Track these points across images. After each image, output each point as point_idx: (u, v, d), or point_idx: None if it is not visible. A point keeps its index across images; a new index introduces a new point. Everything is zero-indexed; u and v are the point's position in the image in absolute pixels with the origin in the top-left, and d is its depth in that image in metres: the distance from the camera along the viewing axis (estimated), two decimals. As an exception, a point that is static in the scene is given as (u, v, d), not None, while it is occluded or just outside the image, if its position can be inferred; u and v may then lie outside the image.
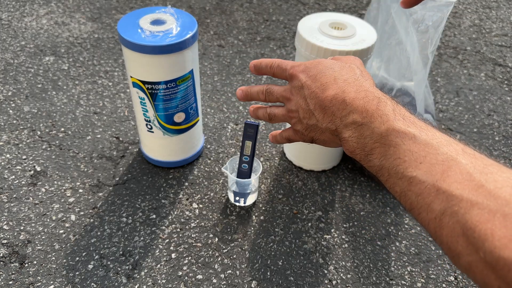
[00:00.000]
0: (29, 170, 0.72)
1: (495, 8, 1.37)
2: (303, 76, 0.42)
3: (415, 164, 0.31)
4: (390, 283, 0.60)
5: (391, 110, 0.35)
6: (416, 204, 0.30)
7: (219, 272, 0.59)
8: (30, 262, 0.59)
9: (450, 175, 0.29)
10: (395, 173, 0.32)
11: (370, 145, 0.35)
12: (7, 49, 1.01)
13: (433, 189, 0.29)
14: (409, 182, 0.31)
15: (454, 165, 0.29)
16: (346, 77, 0.39)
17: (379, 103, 0.36)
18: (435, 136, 0.32)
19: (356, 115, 0.36)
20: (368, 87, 0.38)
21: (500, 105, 0.96)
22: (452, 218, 0.27)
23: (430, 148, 0.31)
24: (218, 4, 1.27)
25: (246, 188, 0.67)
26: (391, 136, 0.33)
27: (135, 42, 0.57)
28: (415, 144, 0.32)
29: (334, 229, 0.67)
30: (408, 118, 0.34)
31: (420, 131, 0.33)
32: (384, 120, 0.35)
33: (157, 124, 0.67)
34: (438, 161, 0.30)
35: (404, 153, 0.32)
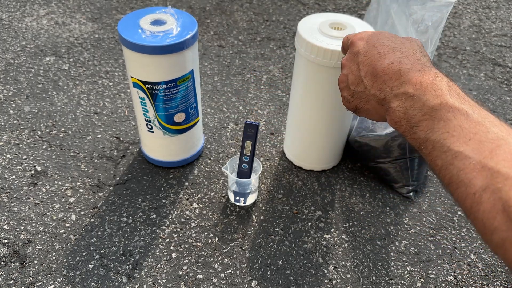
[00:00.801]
0: (29, 170, 0.72)
1: (494, 8, 1.37)
2: (361, 43, 0.42)
3: (464, 140, 0.31)
4: (390, 283, 0.60)
5: (446, 86, 0.35)
6: (456, 179, 0.30)
7: (219, 271, 0.60)
8: (31, 261, 0.59)
9: (499, 153, 0.29)
10: (440, 146, 0.32)
11: (419, 117, 0.35)
12: (8, 49, 1.02)
13: (478, 166, 0.29)
14: (454, 156, 0.31)
15: (503, 144, 0.29)
16: (405, 50, 0.39)
17: (435, 77, 0.36)
18: (488, 116, 0.33)
19: (409, 86, 0.36)
20: (426, 62, 0.38)
21: (499, 105, 0.96)
22: (494, 195, 0.27)
23: (481, 126, 0.31)
24: (218, 4, 1.27)
25: (246, 188, 0.67)
26: (443, 110, 0.33)
27: (136, 42, 0.57)
28: (467, 120, 0.32)
29: (334, 228, 0.67)
30: (463, 96, 0.35)
31: (473, 109, 0.33)
32: (438, 94, 0.35)
33: (158, 124, 0.67)
34: (487, 139, 0.30)
35: (454, 128, 0.32)
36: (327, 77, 0.62)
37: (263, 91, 0.95)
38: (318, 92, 0.65)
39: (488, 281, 0.61)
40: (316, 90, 0.65)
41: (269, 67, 1.02)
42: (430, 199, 0.73)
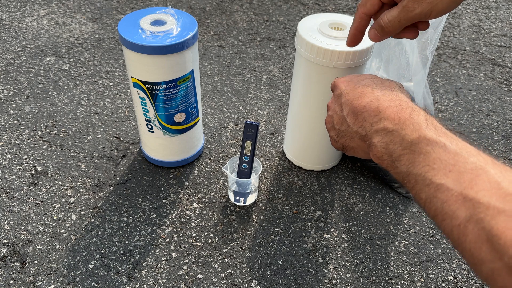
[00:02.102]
0: (30, 170, 0.72)
1: (494, 8, 1.37)
2: (343, 85, 0.44)
3: (444, 172, 0.32)
4: (390, 283, 0.60)
5: (424, 120, 0.36)
6: (441, 211, 0.31)
7: (219, 271, 0.60)
8: (31, 261, 0.59)
9: (478, 183, 0.29)
10: (422, 180, 0.33)
11: (399, 151, 0.36)
12: (8, 49, 1.02)
13: (460, 197, 0.29)
14: (437, 188, 0.31)
15: (482, 173, 0.30)
16: (384, 88, 0.41)
17: (412, 112, 0.37)
18: (465, 146, 0.33)
19: (387, 122, 0.38)
20: (403, 97, 0.40)
21: (499, 105, 0.96)
22: (478, 225, 0.28)
23: (460, 157, 0.32)
24: (218, 4, 1.27)
25: (246, 188, 0.67)
26: (422, 144, 0.34)
27: (136, 43, 0.57)
28: (445, 153, 0.33)
29: (333, 228, 0.67)
30: (440, 129, 0.36)
31: (451, 141, 0.34)
32: (416, 128, 0.36)
33: (158, 124, 0.67)
34: (466, 170, 0.31)
35: (433, 161, 0.33)
36: (327, 77, 0.62)
37: (263, 91, 0.95)
38: (318, 92, 0.65)
39: (487, 281, 0.61)
40: (316, 90, 0.65)
41: (269, 67, 1.03)
42: (430, 199, 0.73)
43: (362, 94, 0.41)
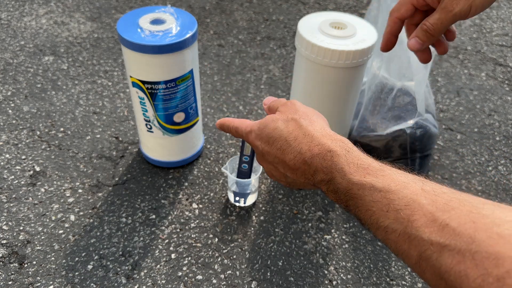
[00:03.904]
0: (28, 170, 0.72)
1: (495, 7, 1.37)
2: (258, 144, 0.43)
3: (383, 213, 0.31)
4: (391, 284, 0.60)
5: (345, 162, 0.35)
6: (398, 251, 0.31)
7: (219, 272, 0.59)
8: (30, 262, 0.59)
9: (416, 219, 0.29)
10: (371, 224, 0.33)
11: (343, 198, 0.35)
12: (7, 48, 1.01)
13: (406, 236, 0.29)
14: (385, 231, 0.31)
15: (417, 207, 0.29)
16: (295, 134, 0.39)
17: (332, 156, 0.36)
18: (392, 179, 0.32)
19: (320, 173, 0.37)
20: (318, 137, 0.38)
21: (500, 105, 0.96)
22: (428, 263, 0.27)
23: (391, 194, 0.31)
24: (218, 3, 1.27)
25: (246, 188, 0.66)
26: (354, 190, 0.34)
27: (135, 42, 0.56)
28: (376, 193, 0.32)
29: (334, 229, 0.66)
30: (362, 166, 0.35)
31: (376, 177, 0.33)
32: (341, 175, 0.35)
33: (157, 124, 0.66)
34: (401, 207, 0.30)
35: (370, 204, 0.32)
36: (328, 77, 0.62)
37: (263, 90, 0.94)
38: (319, 92, 0.64)
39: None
40: (316, 90, 0.64)
41: (269, 66, 1.02)
42: (431, 200, 0.72)
43: (283, 150, 0.40)
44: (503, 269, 0.23)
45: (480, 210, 0.27)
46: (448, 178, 0.77)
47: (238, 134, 0.47)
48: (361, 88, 0.73)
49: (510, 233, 0.24)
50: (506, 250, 0.23)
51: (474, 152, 0.83)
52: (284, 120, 0.41)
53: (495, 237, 0.24)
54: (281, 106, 0.44)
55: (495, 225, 0.25)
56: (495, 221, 0.25)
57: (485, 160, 0.81)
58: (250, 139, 0.45)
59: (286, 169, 0.41)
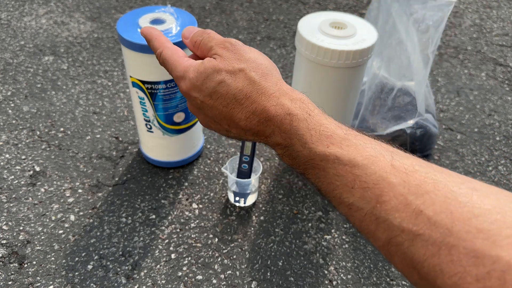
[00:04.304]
0: (28, 170, 0.72)
1: (496, 7, 1.37)
2: (196, 95, 0.36)
3: (348, 189, 0.28)
4: (391, 284, 0.60)
5: (306, 129, 0.31)
6: (362, 230, 0.28)
7: (219, 272, 0.59)
8: (30, 262, 0.59)
9: (386, 200, 0.26)
10: (333, 197, 0.30)
11: (302, 165, 0.32)
12: (6, 48, 1.01)
13: (373, 217, 0.27)
14: (349, 208, 0.28)
15: (386, 187, 0.26)
16: (246, 91, 0.33)
17: (291, 120, 0.32)
18: (359, 151, 0.29)
19: (277, 137, 0.33)
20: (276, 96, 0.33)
21: (501, 105, 0.96)
22: (399, 249, 0.25)
23: (357, 169, 0.28)
24: (218, 3, 1.27)
25: (246, 188, 0.66)
26: (315, 160, 0.30)
27: (135, 42, 0.56)
28: (340, 166, 0.29)
29: (334, 229, 0.66)
30: (325, 133, 0.30)
31: (341, 148, 0.29)
32: (302, 142, 0.31)
33: (157, 124, 0.66)
34: (369, 184, 0.27)
35: (333, 177, 0.29)
36: (328, 77, 0.62)
37: (263, 90, 0.94)
38: (319, 92, 0.64)
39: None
40: (316, 90, 0.64)
41: (269, 66, 1.02)
42: (431, 200, 0.72)
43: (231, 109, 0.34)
44: (483, 269, 0.21)
45: (457, 196, 0.24)
46: (448, 178, 0.77)
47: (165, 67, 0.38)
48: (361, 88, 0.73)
49: (489, 227, 0.22)
50: (485, 248, 0.22)
51: (474, 152, 0.83)
52: (230, 72, 0.34)
53: (474, 231, 0.22)
54: (219, 48, 0.36)
55: (474, 216, 0.23)
56: (474, 210, 0.23)
57: (485, 160, 0.81)
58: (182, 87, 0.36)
59: (233, 127, 0.35)
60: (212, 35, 0.38)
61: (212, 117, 0.36)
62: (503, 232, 0.22)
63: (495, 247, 0.22)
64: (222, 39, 0.37)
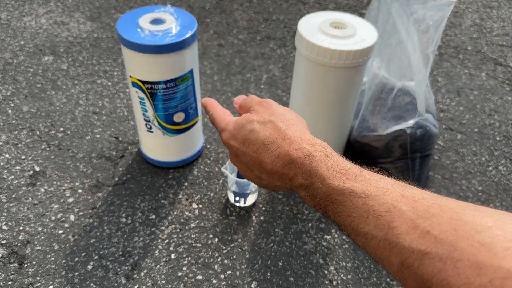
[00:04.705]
0: (28, 170, 0.72)
1: (496, 7, 1.37)
2: (233, 144, 0.41)
3: (363, 219, 0.31)
4: (391, 284, 0.60)
5: (324, 167, 0.35)
6: (378, 258, 0.30)
7: (219, 272, 0.59)
8: (29, 262, 0.59)
9: (396, 226, 0.28)
10: (351, 230, 0.32)
11: (322, 203, 0.35)
12: (6, 48, 1.01)
13: (386, 243, 0.29)
14: (365, 238, 0.31)
15: (397, 214, 0.29)
16: (273, 138, 0.38)
17: (311, 161, 0.35)
18: (372, 184, 0.32)
19: (299, 178, 0.36)
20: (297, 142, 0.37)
21: (501, 105, 0.96)
22: (411, 271, 0.27)
23: (371, 200, 0.31)
24: (218, 3, 1.26)
25: (246, 188, 0.66)
26: (333, 195, 0.33)
27: (135, 42, 0.56)
28: (356, 198, 0.32)
29: (334, 229, 0.66)
30: (341, 170, 0.34)
31: (356, 182, 0.32)
32: (321, 179, 0.34)
33: (157, 124, 0.66)
34: (381, 213, 0.30)
35: (350, 209, 0.32)
36: (328, 77, 0.62)
37: (263, 90, 0.94)
38: (319, 92, 0.64)
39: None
40: (316, 90, 0.64)
41: (269, 66, 1.02)
42: (431, 200, 0.72)
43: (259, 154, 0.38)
44: (485, 279, 0.23)
45: (461, 216, 0.26)
46: (448, 178, 0.77)
47: (215, 126, 0.45)
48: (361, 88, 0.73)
49: (491, 241, 0.24)
50: (487, 259, 0.24)
51: (474, 152, 0.83)
52: (261, 122, 0.40)
53: (477, 246, 0.24)
54: (256, 105, 0.42)
55: (477, 232, 0.25)
56: (476, 227, 0.25)
57: (486, 160, 0.81)
58: (223, 138, 0.43)
59: (262, 172, 0.39)
60: (254, 97, 0.45)
61: (245, 163, 0.41)
62: (504, 244, 0.24)
63: (496, 258, 0.23)
64: (261, 100, 0.44)
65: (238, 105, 0.47)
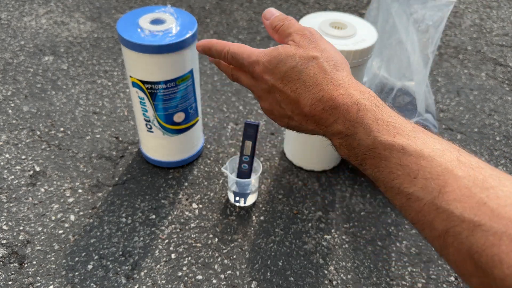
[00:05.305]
0: (28, 170, 0.72)
1: (495, 7, 1.37)
2: (268, 78, 0.37)
3: (409, 179, 0.29)
4: (391, 284, 0.60)
5: (373, 118, 0.32)
6: (418, 221, 0.28)
7: (219, 272, 0.59)
8: (30, 262, 0.59)
9: (448, 191, 0.26)
10: (391, 187, 0.30)
11: (361, 155, 0.32)
12: (6, 48, 1.01)
13: (433, 207, 0.27)
14: (407, 198, 0.29)
15: (451, 179, 0.27)
16: (317, 80, 0.34)
17: (358, 110, 0.32)
18: (426, 144, 0.29)
19: (339, 125, 0.33)
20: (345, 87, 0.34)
21: (501, 105, 0.96)
22: (457, 239, 0.25)
23: (422, 160, 0.28)
24: (218, 3, 1.27)
25: (246, 188, 0.66)
26: (379, 149, 0.31)
27: (135, 42, 0.56)
28: (405, 156, 0.29)
29: (334, 229, 0.66)
30: (393, 125, 0.31)
31: (409, 139, 0.30)
32: (367, 131, 0.31)
33: (157, 124, 0.66)
34: (433, 175, 0.28)
35: (396, 167, 0.29)
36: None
37: (263, 90, 0.94)
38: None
39: (489, 282, 0.61)
40: (316, 90, 0.64)
41: (269, 66, 1.02)
42: (431, 200, 0.72)
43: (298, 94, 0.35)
44: None
45: None
46: (448, 178, 0.77)
47: (234, 60, 0.39)
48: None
49: None
50: None
51: (474, 152, 0.83)
52: (304, 59, 0.35)
53: None
54: (296, 35, 0.37)
55: None
56: None
57: (485, 160, 0.81)
58: (255, 71, 0.38)
59: (296, 113, 0.36)
60: (293, 22, 0.39)
61: (278, 101, 0.37)
62: None
63: None
64: (302, 27, 0.38)
65: (270, 24, 0.41)
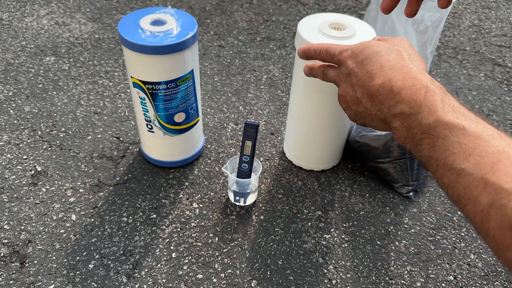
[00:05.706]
0: (29, 170, 0.72)
1: (494, 8, 1.37)
2: (350, 62, 0.42)
3: (464, 156, 0.31)
4: (390, 283, 0.60)
5: (440, 100, 0.35)
6: (464, 196, 0.30)
7: (219, 271, 0.60)
8: (31, 261, 0.59)
9: (500, 167, 0.28)
10: (443, 165, 0.32)
11: (419, 135, 0.35)
12: (8, 49, 1.02)
13: (482, 182, 0.29)
14: (458, 174, 0.31)
15: (504, 157, 0.29)
16: (393, 63, 0.39)
17: (427, 92, 0.35)
18: (486, 128, 0.32)
19: (403, 105, 0.36)
20: (416, 74, 0.38)
21: (499, 105, 0.96)
22: (500, 211, 0.27)
23: (480, 140, 0.31)
24: (218, 4, 1.27)
25: (246, 188, 0.67)
26: (440, 128, 0.33)
27: (136, 43, 0.57)
28: (465, 136, 0.32)
29: (333, 228, 0.67)
30: (458, 109, 0.34)
31: (470, 122, 0.32)
32: (432, 110, 0.34)
33: (158, 124, 0.67)
34: (488, 154, 0.30)
35: (453, 145, 0.32)
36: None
37: (263, 91, 0.95)
38: (318, 92, 0.65)
39: (488, 281, 0.61)
40: (316, 90, 0.65)
41: (269, 67, 1.03)
42: (430, 199, 0.73)
43: (372, 74, 0.39)
44: None
45: None
46: (447, 178, 0.77)
47: (329, 54, 0.45)
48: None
49: None
50: None
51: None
52: (388, 48, 0.40)
53: None
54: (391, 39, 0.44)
55: None
56: None
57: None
58: (342, 57, 0.43)
59: (365, 95, 0.39)
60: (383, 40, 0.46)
61: (353, 84, 0.41)
62: None
63: None
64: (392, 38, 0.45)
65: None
